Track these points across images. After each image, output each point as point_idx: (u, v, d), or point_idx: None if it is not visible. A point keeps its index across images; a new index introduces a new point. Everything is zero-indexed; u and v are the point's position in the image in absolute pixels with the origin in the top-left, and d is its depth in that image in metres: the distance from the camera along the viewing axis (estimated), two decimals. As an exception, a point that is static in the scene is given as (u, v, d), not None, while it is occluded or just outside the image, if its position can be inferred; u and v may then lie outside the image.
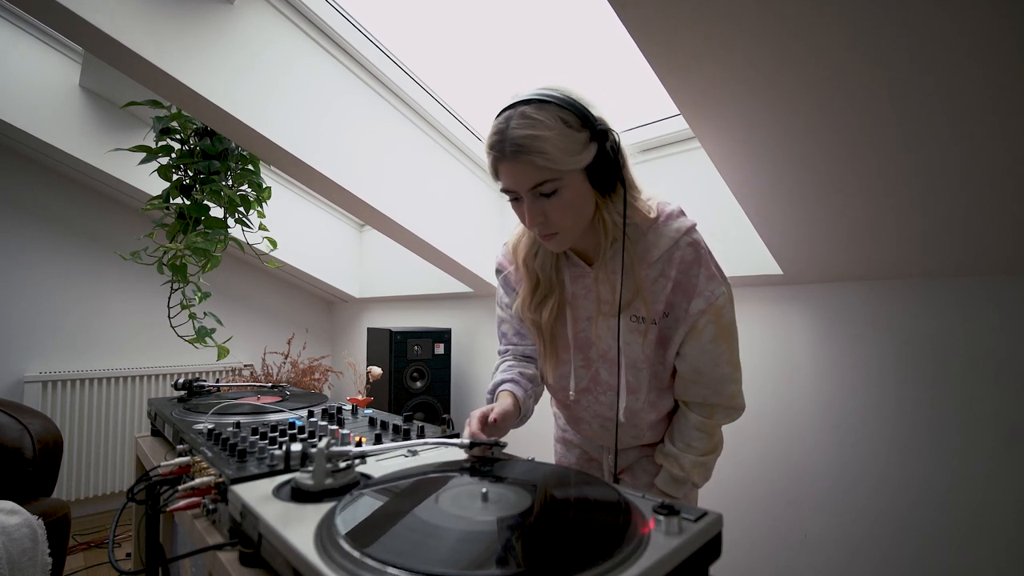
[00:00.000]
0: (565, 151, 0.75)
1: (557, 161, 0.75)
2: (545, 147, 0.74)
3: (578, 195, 0.79)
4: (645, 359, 0.90)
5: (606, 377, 0.93)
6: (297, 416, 1.11)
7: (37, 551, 1.42)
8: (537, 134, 0.74)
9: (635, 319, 0.88)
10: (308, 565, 0.47)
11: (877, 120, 0.86)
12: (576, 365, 0.96)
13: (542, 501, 0.60)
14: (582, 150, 0.76)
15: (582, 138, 0.76)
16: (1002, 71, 0.71)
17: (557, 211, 0.79)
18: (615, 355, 0.89)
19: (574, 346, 0.94)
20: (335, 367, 3.49)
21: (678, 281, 0.86)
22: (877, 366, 1.36)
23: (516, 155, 0.75)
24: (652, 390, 0.94)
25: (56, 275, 2.83)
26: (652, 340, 0.89)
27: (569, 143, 0.75)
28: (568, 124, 0.75)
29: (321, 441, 0.66)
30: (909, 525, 1.29)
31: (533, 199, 0.79)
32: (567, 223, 0.81)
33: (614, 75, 1.94)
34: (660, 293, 0.86)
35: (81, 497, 2.79)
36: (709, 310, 0.86)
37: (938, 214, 1.03)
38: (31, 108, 2.30)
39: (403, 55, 2.01)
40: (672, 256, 0.85)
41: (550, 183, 0.77)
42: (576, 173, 0.78)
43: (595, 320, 0.91)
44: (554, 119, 0.75)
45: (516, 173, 0.77)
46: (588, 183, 0.80)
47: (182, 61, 1.49)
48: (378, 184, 2.03)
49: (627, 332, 0.88)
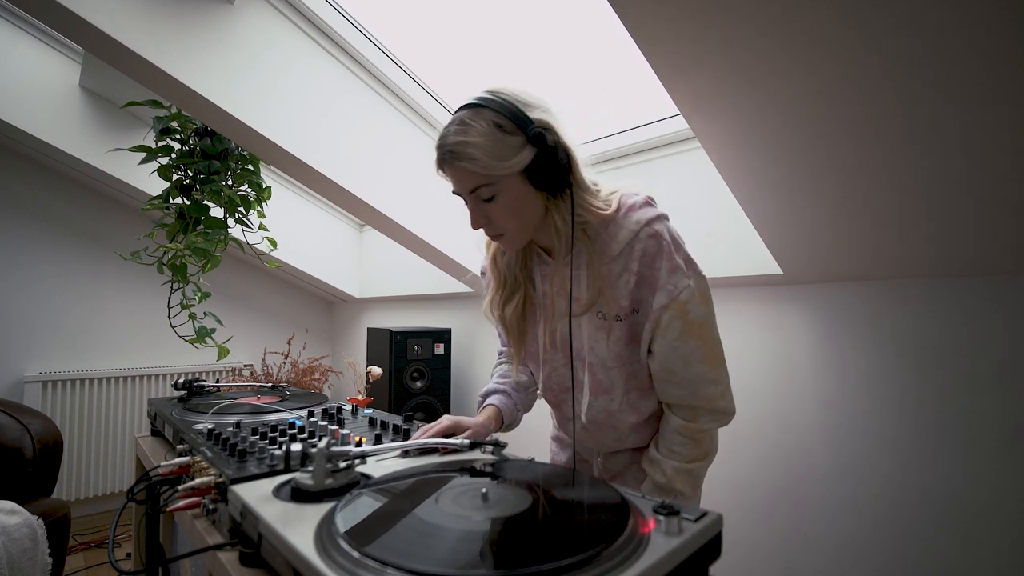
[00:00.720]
0: (496, 156, 0.75)
1: (488, 167, 0.75)
2: (475, 153, 0.74)
3: (518, 198, 0.79)
4: (615, 357, 0.87)
5: (582, 377, 0.91)
6: (297, 416, 1.11)
7: (37, 551, 1.42)
8: (467, 140, 0.74)
9: (600, 316, 0.85)
10: (308, 565, 0.47)
11: (877, 120, 0.86)
12: (557, 364, 0.94)
13: (542, 501, 0.60)
14: (515, 154, 0.75)
15: (516, 142, 0.75)
16: (1005, 68, 0.71)
17: (498, 214, 0.80)
18: (583, 356, 0.89)
19: (552, 345, 0.92)
20: (335, 367, 3.49)
21: (641, 275, 0.82)
22: (877, 366, 1.36)
23: (451, 161, 0.77)
24: (631, 390, 0.90)
25: (56, 275, 2.83)
26: (621, 337, 0.85)
27: (500, 148, 0.75)
28: (502, 128, 0.75)
29: (321, 441, 0.66)
30: (910, 525, 1.29)
31: (474, 202, 0.80)
32: (510, 226, 0.81)
33: (614, 75, 1.94)
34: (624, 288, 0.83)
35: (81, 497, 2.79)
36: (672, 305, 0.81)
37: (939, 214, 1.03)
38: (31, 108, 2.30)
39: (403, 55, 2.01)
40: (633, 249, 0.82)
41: (486, 188, 0.77)
42: (512, 177, 0.77)
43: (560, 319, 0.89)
44: (487, 124, 0.75)
45: (454, 178, 0.80)
46: (529, 185, 0.79)
47: (182, 61, 1.49)
48: (378, 184, 2.04)
49: (593, 330, 0.87)
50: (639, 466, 0.97)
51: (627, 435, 0.96)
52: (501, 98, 0.76)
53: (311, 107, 1.81)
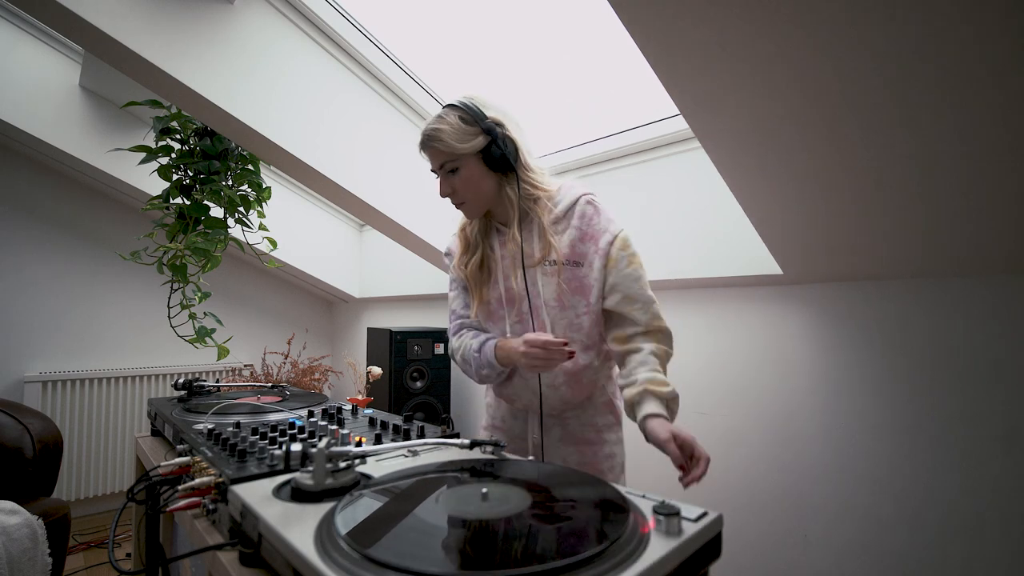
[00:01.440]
0: (457, 140, 1.02)
1: (451, 147, 1.02)
2: (443, 137, 1.02)
3: (474, 173, 1.05)
4: (557, 299, 1.06)
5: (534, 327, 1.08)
6: (297, 416, 1.11)
7: (37, 551, 1.42)
8: (439, 128, 1.02)
9: (548, 263, 1.06)
10: (308, 565, 0.47)
11: (877, 120, 0.86)
12: (512, 321, 1.11)
13: (542, 501, 0.60)
14: (472, 139, 1.02)
15: (473, 131, 1.03)
16: (1004, 71, 0.71)
17: (459, 185, 1.06)
18: (536, 302, 1.08)
19: (507, 301, 1.11)
20: (335, 367, 3.49)
21: (583, 231, 1.06)
22: (877, 366, 1.36)
23: (426, 143, 1.05)
24: (569, 334, 1.07)
25: (56, 275, 2.83)
26: (565, 280, 1.06)
27: (462, 135, 1.02)
28: (464, 121, 1.02)
29: (321, 441, 0.66)
30: (910, 525, 1.29)
31: (443, 176, 1.07)
32: (469, 195, 1.07)
33: (614, 75, 1.94)
34: (567, 240, 1.06)
35: (81, 497, 2.79)
36: (616, 241, 1.06)
37: (938, 214, 1.03)
38: (31, 108, 2.30)
39: (402, 54, 2.01)
40: (574, 211, 1.07)
41: (450, 163, 1.04)
42: (470, 156, 1.04)
43: (515, 273, 1.09)
44: (454, 117, 1.03)
45: (428, 156, 1.07)
46: (484, 165, 1.05)
47: (182, 61, 1.49)
48: (378, 184, 2.04)
49: (542, 276, 1.07)
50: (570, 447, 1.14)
51: (561, 386, 1.10)
52: (468, 101, 1.05)
53: (311, 107, 1.81)
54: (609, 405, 1.18)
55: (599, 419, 1.16)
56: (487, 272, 1.14)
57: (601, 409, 1.17)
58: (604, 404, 1.17)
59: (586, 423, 1.15)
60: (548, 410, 1.13)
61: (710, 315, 1.71)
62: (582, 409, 1.15)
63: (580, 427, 1.15)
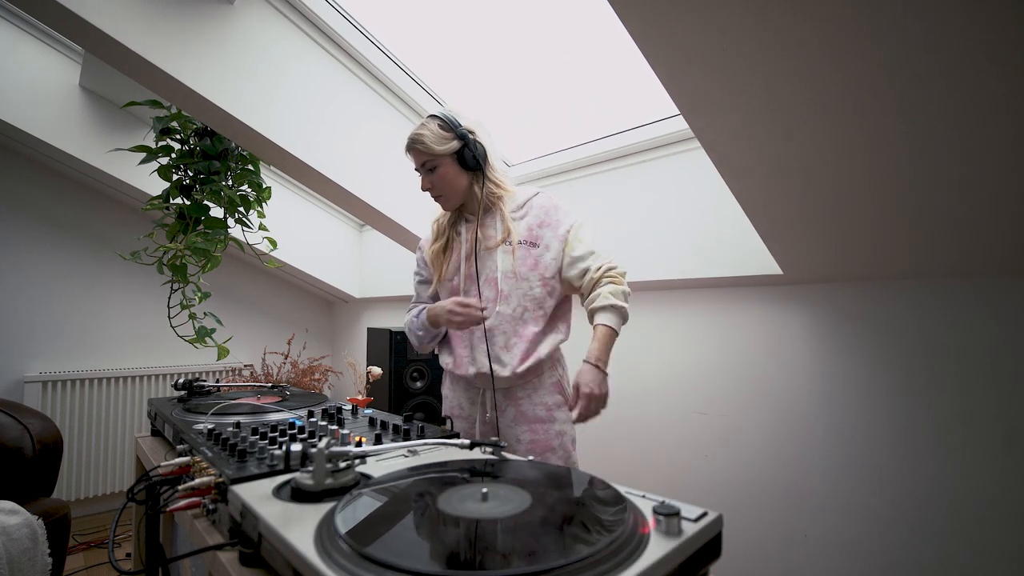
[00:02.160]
0: (436, 143, 1.23)
1: (430, 149, 1.23)
2: (424, 140, 1.23)
3: (450, 172, 1.26)
4: (514, 272, 1.25)
5: (488, 294, 1.27)
6: (297, 416, 1.11)
7: (37, 551, 1.42)
8: (421, 132, 1.24)
9: (507, 243, 1.26)
10: (308, 565, 0.47)
11: (876, 120, 0.86)
12: (472, 294, 1.28)
13: (541, 501, 0.60)
14: (448, 143, 1.23)
15: (449, 136, 1.24)
16: (1005, 71, 0.71)
17: (437, 181, 1.26)
18: (493, 275, 1.26)
19: (466, 278, 1.30)
20: (335, 367, 3.49)
21: (542, 220, 1.28)
22: (876, 366, 1.36)
23: (410, 145, 1.26)
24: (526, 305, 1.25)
25: (56, 275, 2.83)
26: (521, 258, 1.25)
27: (439, 139, 1.23)
28: (442, 128, 1.24)
29: (321, 441, 0.66)
30: (910, 525, 1.29)
31: (424, 173, 1.28)
32: (445, 189, 1.27)
33: (614, 75, 1.94)
34: (524, 226, 1.28)
35: (81, 497, 2.79)
36: (572, 228, 1.28)
37: (938, 214, 1.03)
38: (31, 108, 2.30)
39: (402, 54, 2.01)
40: (532, 202, 1.31)
41: (430, 162, 1.25)
42: (446, 157, 1.24)
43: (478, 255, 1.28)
44: (434, 125, 1.24)
45: (412, 156, 1.28)
46: (458, 166, 1.26)
47: (182, 61, 1.50)
48: (378, 184, 2.04)
49: (502, 254, 1.27)
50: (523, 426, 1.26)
51: (515, 344, 1.25)
52: (446, 112, 1.26)
53: (311, 107, 1.81)
54: (558, 386, 1.31)
55: (548, 399, 1.28)
56: (450, 254, 1.34)
57: (550, 390, 1.29)
58: (553, 385, 1.30)
59: (537, 403, 1.27)
60: (500, 384, 1.26)
61: (710, 315, 1.71)
62: (533, 390, 1.28)
63: (532, 407, 1.27)
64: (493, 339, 1.26)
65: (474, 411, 1.32)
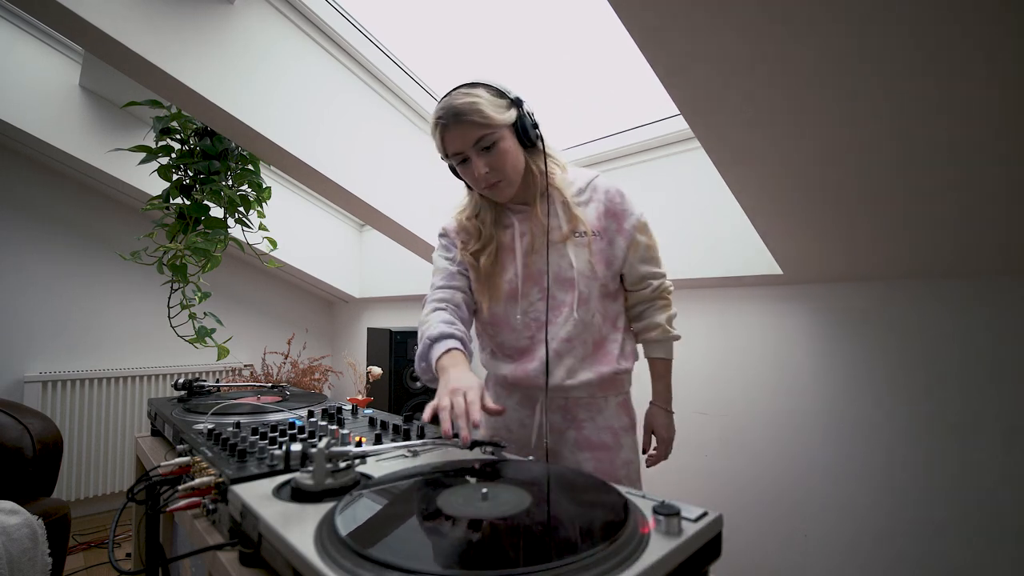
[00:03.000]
0: (495, 110, 0.96)
1: (490, 118, 0.95)
2: (480, 108, 0.95)
3: (510, 147, 0.99)
4: (591, 269, 1.05)
5: (562, 297, 1.05)
6: (297, 416, 1.11)
7: (37, 551, 1.42)
8: (473, 100, 0.95)
9: (579, 235, 1.05)
10: (308, 565, 0.47)
11: (876, 120, 0.86)
12: (533, 299, 1.07)
13: (541, 501, 0.60)
14: (506, 111, 0.98)
15: (505, 103, 0.98)
16: (1000, 70, 0.71)
17: (497, 160, 0.98)
18: (569, 274, 1.04)
19: (525, 279, 1.07)
20: (335, 367, 3.49)
21: (608, 207, 1.07)
22: (877, 366, 1.36)
23: (459, 118, 0.95)
24: (603, 298, 1.08)
25: (56, 275, 2.82)
26: (596, 252, 1.06)
27: (496, 106, 0.97)
28: (492, 94, 0.98)
29: (321, 441, 0.66)
30: (910, 526, 1.29)
31: (477, 154, 0.98)
32: (507, 170, 1.00)
33: (614, 75, 1.94)
34: (594, 212, 1.07)
35: (81, 497, 2.79)
36: (638, 225, 1.09)
37: (938, 214, 1.03)
38: (31, 108, 2.30)
39: (402, 54, 2.01)
40: (596, 186, 1.09)
41: (488, 136, 0.96)
42: (506, 128, 0.98)
43: (542, 251, 1.05)
44: (483, 91, 0.97)
45: (461, 134, 0.96)
46: (516, 139, 1.01)
47: (182, 61, 1.49)
48: (378, 184, 2.04)
49: (575, 247, 1.05)
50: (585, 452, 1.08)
51: (590, 350, 1.07)
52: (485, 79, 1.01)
53: (311, 107, 1.81)
54: (625, 406, 1.12)
55: (615, 421, 1.09)
56: (500, 256, 1.08)
57: (617, 411, 1.10)
58: (620, 405, 1.10)
59: (602, 426, 1.08)
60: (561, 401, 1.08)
61: (710, 315, 1.71)
62: (598, 411, 1.08)
63: (596, 431, 1.07)
64: (571, 351, 1.04)
65: (524, 434, 1.11)
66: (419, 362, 1.00)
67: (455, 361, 0.90)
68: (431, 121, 1.00)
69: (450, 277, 1.10)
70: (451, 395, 0.78)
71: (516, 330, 1.08)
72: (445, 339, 0.96)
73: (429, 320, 1.02)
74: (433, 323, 1.00)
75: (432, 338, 0.97)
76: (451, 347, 0.94)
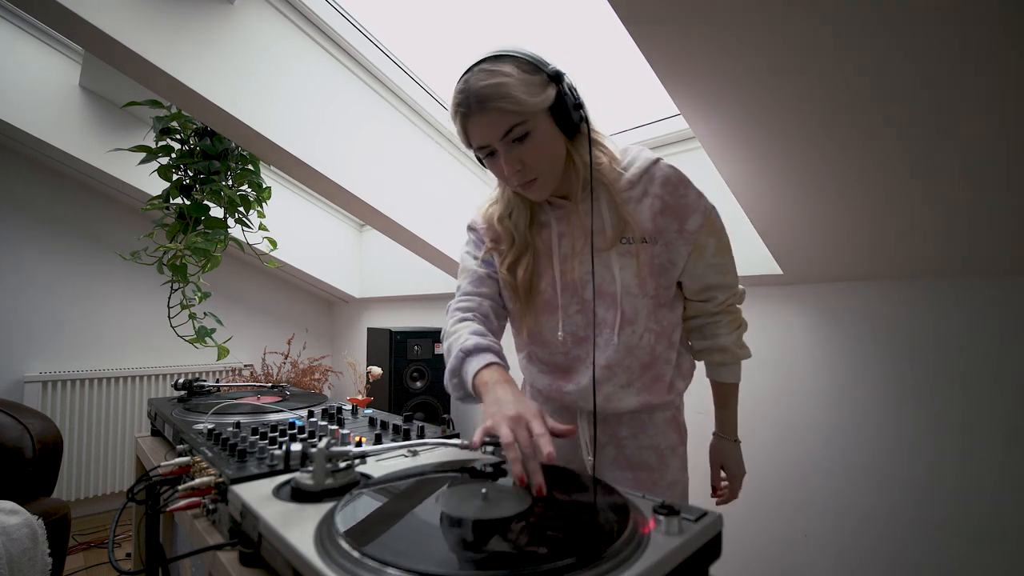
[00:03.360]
0: (527, 93, 0.77)
1: (522, 103, 0.76)
2: (509, 91, 0.76)
3: (548, 136, 0.81)
4: (640, 284, 0.88)
5: (603, 314, 0.90)
6: (297, 416, 1.11)
7: (37, 551, 1.42)
8: (499, 81, 0.76)
9: (625, 240, 0.87)
10: (308, 565, 0.47)
11: (876, 120, 0.86)
12: (572, 312, 0.91)
13: (542, 501, 0.60)
14: (542, 91, 0.78)
15: (540, 80, 0.78)
16: (1000, 70, 0.71)
17: (531, 154, 0.80)
18: (611, 288, 0.88)
19: (564, 289, 0.91)
20: (335, 367, 3.49)
21: (666, 202, 0.87)
22: (877, 366, 1.36)
23: (483, 105, 0.77)
24: (651, 317, 0.91)
25: (56, 275, 2.83)
26: (646, 262, 0.88)
27: (529, 86, 0.77)
28: (524, 71, 0.78)
29: (321, 441, 0.66)
30: (910, 526, 1.29)
31: (507, 148, 0.80)
32: (543, 165, 0.82)
33: (614, 75, 1.94)
34: (648, 211, 0.87)
35: (81, 497, 2.79)
36: (707, 224, 0.88)
37: (938, 214, 1.03)
38: (31, 108, 2.30)
39: (403, 54, 2.01)
40: (653, 174, 0.87)
41: (519, 126, 0.78)
42: (542, 114, 0.79)
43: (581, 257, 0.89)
44: (512, 67, 0.77)
45: (486, 124, 0.78)
46: (554, 124, 0.81)
47: (182, 61, 1.49)
48: (378, 183, 2.04)
49: (619, 257, 0.87)
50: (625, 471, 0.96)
51: (636, 375, 0.93)
52: (515, 49, 0.79)
53: (311, 106, 1.81)
54: (673, 423, 0.99)
55: (661, 440, 0.96)
56: (535, 261, 0.93)
57: (664, 428, 0.97)
58: (667, 421, 0.98)
59: (645, 445, 0.95)
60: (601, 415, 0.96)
61: (710, 315, 1.71)
62: (640, 428, 0.96)
63: (638, 450, 0.96)
64: (612, 378, 0.91)
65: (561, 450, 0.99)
66: (450, 378, 0.86)
67: (498, 378, 0.76)
68: (450, 107, 0.82)
69: (478, 282, 0.96)
70: (512, 425, 0.65)
71: (553, 345, 0.94)
72: (481, 352, 0.82)
73: (458, 331, 0.88)
74: (463, 334, 0.86)
75: (466, 351, 0.82)
76: (490, 361, 0.80)
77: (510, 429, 0.64)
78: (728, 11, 0.74)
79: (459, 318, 0.91)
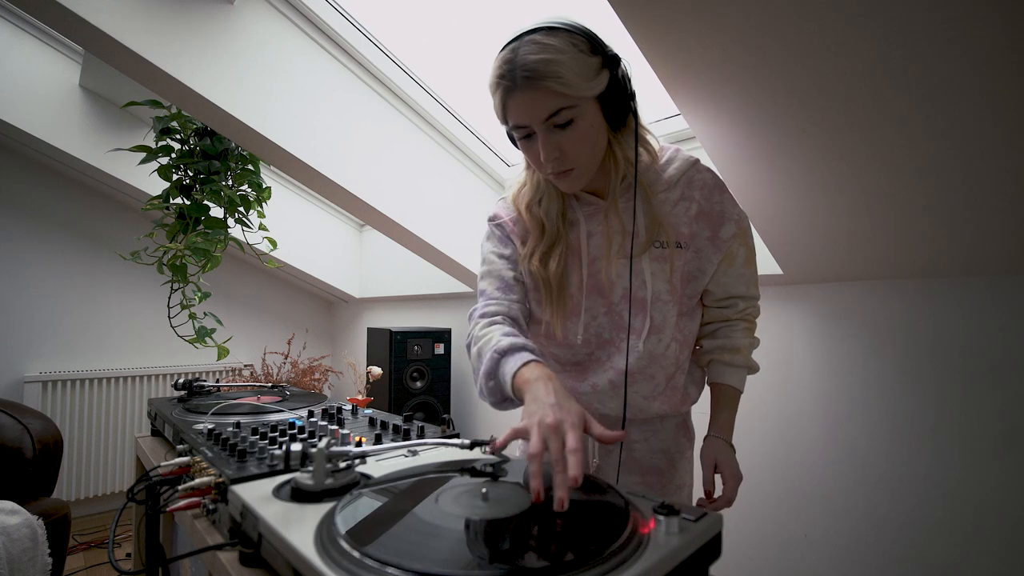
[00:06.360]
0: (580, 75, 0.70)
1: (573, 86, 0.70)
2: (561, 71, 0.69)
3: (593, 126, 0.75)
4: (671, 291, 0.84)
5: (635, 322, 0.85)
6: (297, 416, 1.11)
7: (37, 551, 1.42)
8: (551, 58, 0.69)
9: (658, 244, 0.83)
10: (308, 565, 0.47)
11: (876, 120, 0.86)
12: (597, 312, 0.87)
13: (542, 501, 0.60)
14: (596, 76, 0.72)
15: (595, 63, 0.72)
16: (998, 69, 0.71)
17: (573, 143, 0.74)
18: (641, 293, 0.83)
19: (590, 290, 0.86)
20: (335, 367, 3.49)
21: (702, 207, 0.84)
22: (877, 366, 1.36)
23: (529, 82, 0.70)
24: (677, 319, 0.88)
25: (56, 275, 2.83)
26: (679, 267, 0.85)
27: (583, 68, 0.70)
28: (580, 49, 0.71)
29: (321, 441, 0.65)
30: (910, 525, 1.29)
31: (547, 132, 0.74)
32: (583, 157, 0.77)
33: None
34: (684, 216, 0.84)
35: (81, 497, 2.79)
36: (740, 233, 0.87)
37: (938, 213, 1.03)
38: (31, 108, 2.30)
39: (402, 54, 2.01)
40: (692, 177, 0.84)
41: (566, 111, 0.72)
42: (591, 101, 0.74)
43: (613, 259, 0.84)
44: (566, 43, 0.70)
45: (530, 103, 0.72)
46: (601, 114, 0.76)
47: (182, 61, 1.49)
48: (378, 183, 2.04)
49: (651, 261, 0.83)
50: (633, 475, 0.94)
51: (660, 385, 0.89)
52: (573, 22, 0.73)
53: (311, 106, 1.81)
54: (683, 426, 0.97)
55: (671, 443, 0.94)
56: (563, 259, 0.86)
57: (674, 431, 0.95)
58: (678, 425, 0.96)
59: (656, 448, 0.94)
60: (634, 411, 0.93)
61: (710, 315, 1.71)
62: (652, 432, 0.93)
63: (648, 453, 0.93)
64: (632, 385, 0.87)
65: None
66: (485, 380, 0.78)
67: (539, 374, 0.68)
68: (491, 76, 0.75)
69: (506, 288, 0.88)
70: (545, 434, 0.57)
71: (574, 346, 0.90)
72: (518, 351, 0.75)
73: (488, 334, 0.81)
74: (495, 336, 0.79)
75: (501, 351, 0.75)
76: (529, 359, 0.72)
77: (542, 438, 0.57)
78: (728, 11, 0.74)
79: (487, 323, 0.84)
